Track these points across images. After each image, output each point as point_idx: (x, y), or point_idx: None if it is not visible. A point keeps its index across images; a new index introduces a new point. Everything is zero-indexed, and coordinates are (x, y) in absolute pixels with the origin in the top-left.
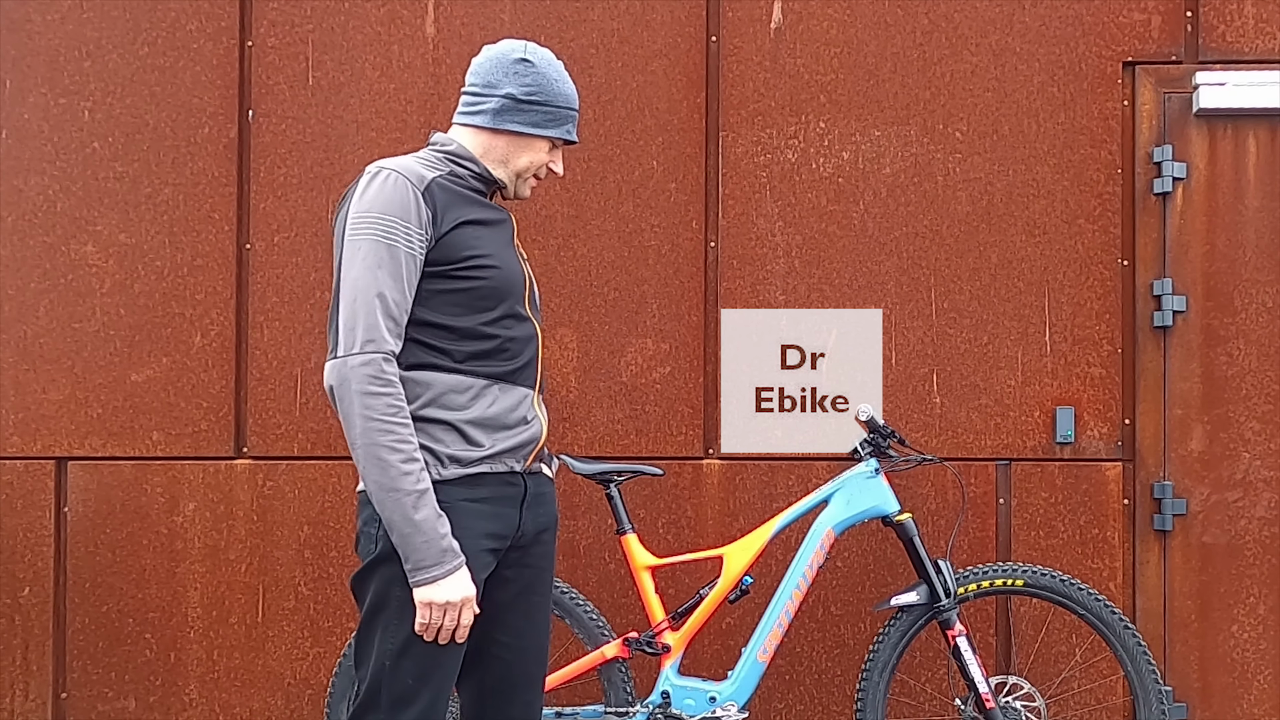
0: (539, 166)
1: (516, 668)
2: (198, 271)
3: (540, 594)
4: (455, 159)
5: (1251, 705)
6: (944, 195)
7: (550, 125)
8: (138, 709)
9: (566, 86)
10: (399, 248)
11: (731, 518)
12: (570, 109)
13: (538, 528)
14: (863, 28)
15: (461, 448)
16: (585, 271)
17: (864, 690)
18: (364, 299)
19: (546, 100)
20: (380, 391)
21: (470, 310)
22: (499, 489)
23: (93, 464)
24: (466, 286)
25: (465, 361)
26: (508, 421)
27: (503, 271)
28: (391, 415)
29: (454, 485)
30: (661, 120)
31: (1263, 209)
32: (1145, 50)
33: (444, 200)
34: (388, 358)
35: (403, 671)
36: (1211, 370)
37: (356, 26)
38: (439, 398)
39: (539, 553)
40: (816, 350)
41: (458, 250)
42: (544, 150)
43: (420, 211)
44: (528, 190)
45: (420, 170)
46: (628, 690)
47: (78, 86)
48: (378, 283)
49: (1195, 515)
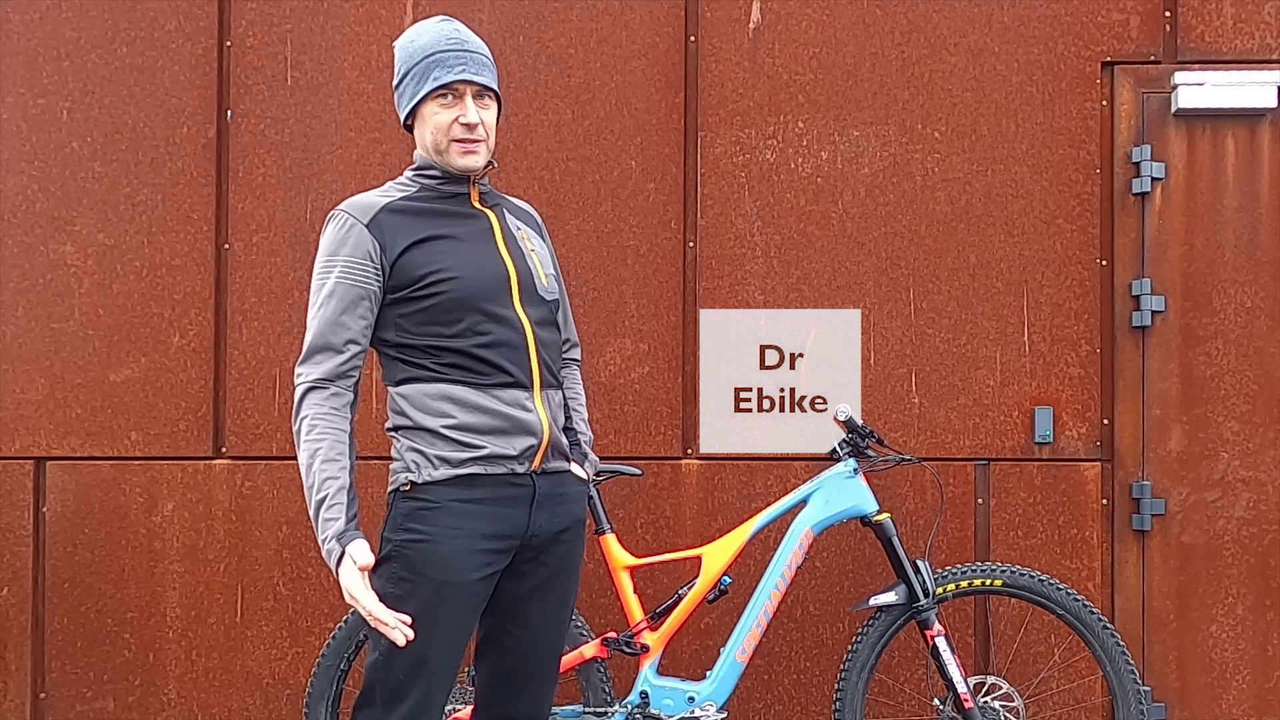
0: (444, 129)
1: (526, 661)
2: (176, 271)
3: (557, 592)
4: (421, 173)
5: (1230, 705)
6: (923, 195)
7: (421, 85)
8: (116, 709)
9: (422, 39)
10: (343, 284)
11: (710, 518)
12: (428, 56)
13: (554, 528)
14: (841, 28)
15: (450, 450)
16: (563, 271)
17: (843, 690)
18: (309, 338)
19: (408, 68)
20: (300, 416)
21: (438, 325)
22: (497, 490)
23: (71, 464)
24: (428, 304)
25: (447, 372)
26: (498, 426)
27: (464, 280)
28: (305, 433)
29: (444, 485)
30: (640, 120)
31: (1241, 209)
32: (1124, 50)
33: (393, 226)
34: (314, 386)
35: (394, 668)
36: (1190, 370)
37: (335, 26)
38: (424, 408)
39: (559, 552)
40: (795, 350)
41: (413, 271)
42: (436, 112)
43: (364, 244)
44: (461, 159)
45: (371, 201)
46: (606, 690)
47: (56, 86)
48: (319, 322)
49: (1174, 515)
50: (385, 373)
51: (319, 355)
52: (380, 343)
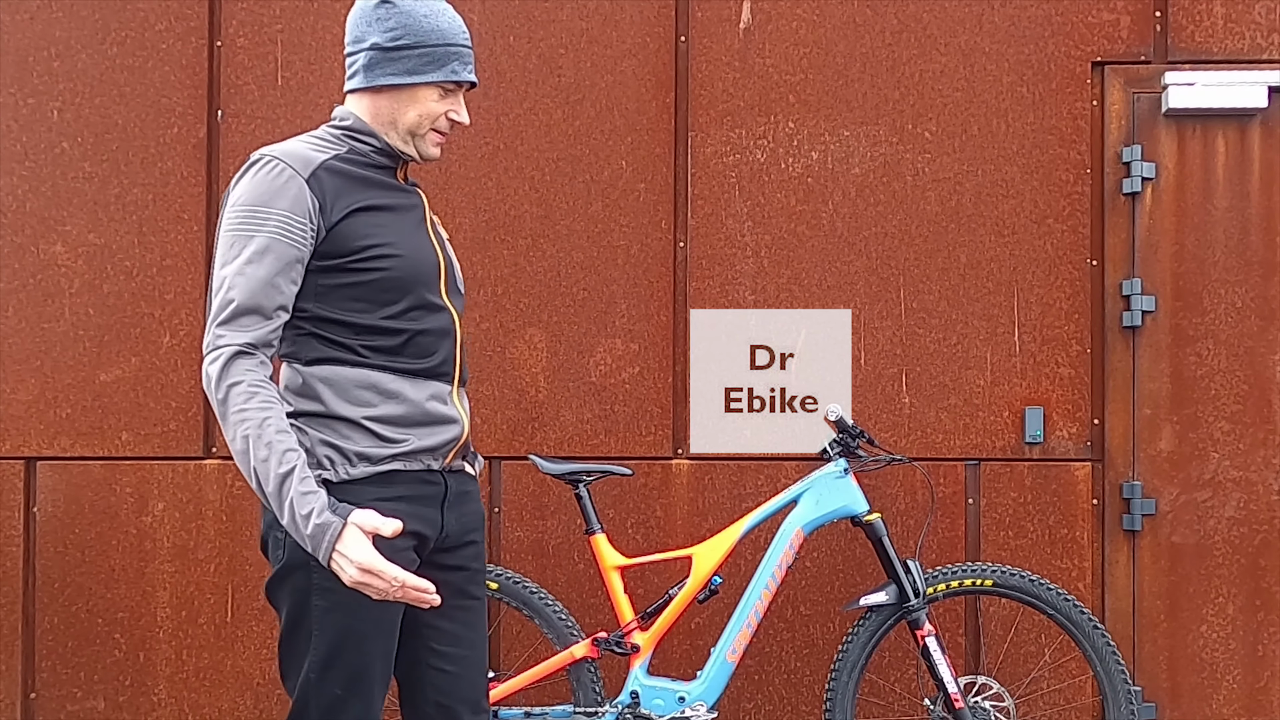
0: (434, 118)
1: (461, 680)
2: (167, 271)
3: (476, 597)
4: (353, 134)
5: (1220, 705)
6: (913, 195)
7: (428, 69)
8: (107, 709)
9: (440, 20)
10: (277, 241)
11: (700, 518)
12: (449, 45)
13: (464, 528)
14: (832, 28)
15: (370, 444)
16: (554, 272)
17: (833, 690)
18: (229, 299)
19: (418, 41)
20: (233, 383)
21: (372, 304)
22: (415, 488)
23: (62, 464)
24: (366, 280)
25: (371, 356)
26: (422, 418)
27: (406, 260)
28: (243, 402)
29: (364, 484)
30: (630, 120)
31: (1231, 209)
32: (1114, 50)
33: (334, 186)
34: (243, 350)
35: (329, 682)
36: (1180, 370)
37: (325, 26)
38: (344, 394)
39: (469, 553)
40: (785, 350)
41: (351, 240)
42: (433, 99)
43: (303, 201)
44: (432, 149)
45: (308, 154)
46: (597, 690)
47: (46, 86)
48: (245, 282)
49: (1164, 515)
50: (290, 348)
51: (247, 318)
52: (296, 313)
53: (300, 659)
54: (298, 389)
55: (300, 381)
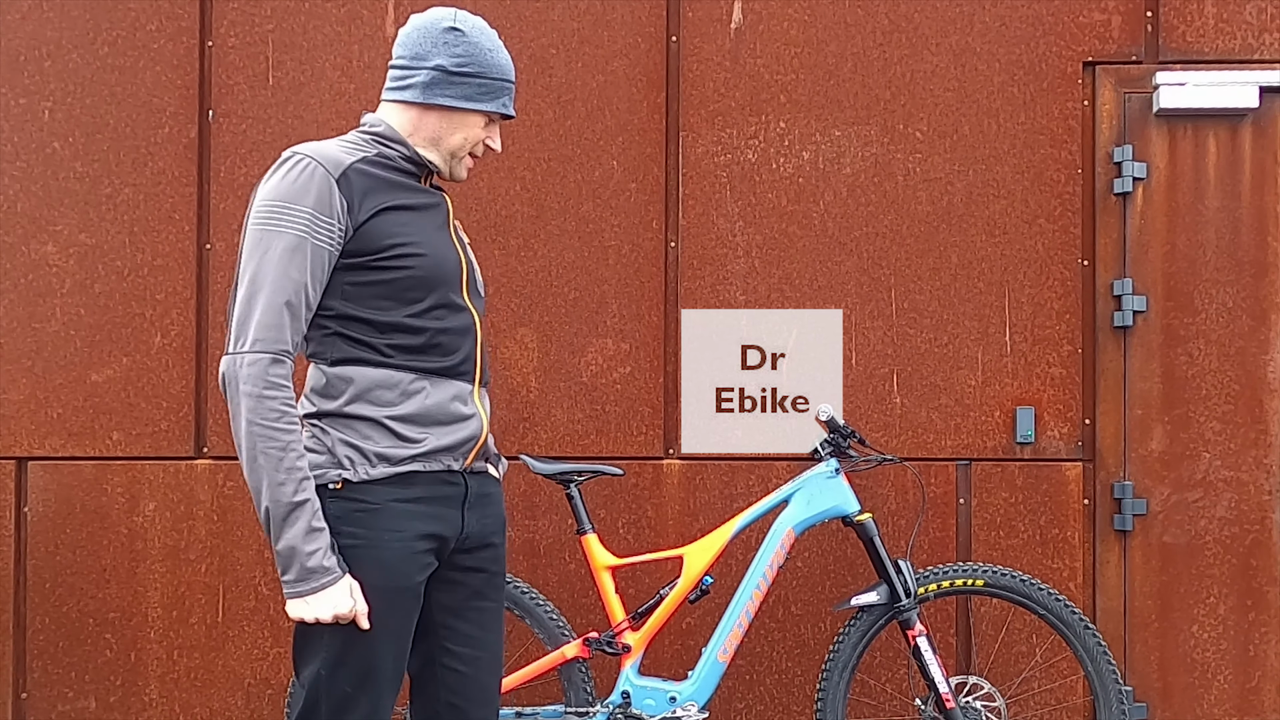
0: (475, 144)
1: (473, 681)
2: (158, 271)
3: (493, 600)
4: (382, 140)
5: (1212, 705)
6: (904, 195)
7: (484, 98)
8: (98, 709)
9: (500, 56)
10: (305, 240)
11: (692, 518)
12: (505, 80)
13: (484, 530)
14: (823, 28)
15: (390, 445)
16: (545, 271)
17: (824, 690)
18: (260, 295)
19: (480, 71)
20: (264, 395)
21: (396, 303)
22: (435, 488)
23: (53, 464)
24: (391, 278)
25: (394, 356)
26: (442, 417)
27: (430, 259)
28: (274, 420)
29: (384, 485)
30: (622, 120)
31: (1222, 209)
32: (1106, 50)
33: (363, 186)
34: (277, 358)
35: (340, 679)
36: (1172, 370)
37: (317, 26)
38: (366, 394)
39: (488, 556)
40: (777, 350)
41: (379, 239)
42: (479, 126)
43: (333, 201)
44: (464, 171)
45: (338, 155)
46: (588, 690)
47: (38, 86)
48: (276, 278)
49: (1155, 515)
50: (316, 347)
51: (276, 315)
52: (323, 311)
53: (315, 654)
54: (321, 389)
55: (325, 382)
